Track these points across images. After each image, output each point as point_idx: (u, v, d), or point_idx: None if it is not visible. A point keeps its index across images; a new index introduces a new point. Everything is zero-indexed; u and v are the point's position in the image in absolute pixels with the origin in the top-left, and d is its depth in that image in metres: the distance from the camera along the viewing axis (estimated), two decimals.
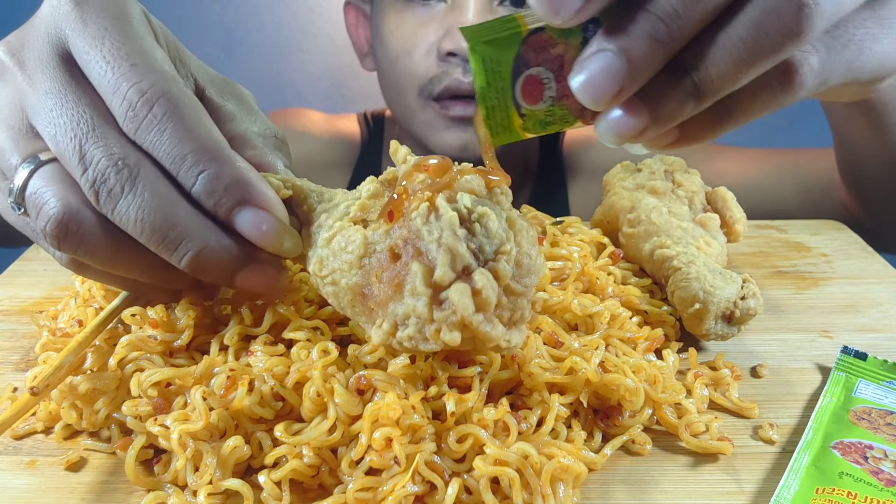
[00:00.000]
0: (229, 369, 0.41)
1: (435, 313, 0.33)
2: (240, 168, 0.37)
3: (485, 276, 0.33)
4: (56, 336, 0.50)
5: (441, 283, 0.33)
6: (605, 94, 0.32)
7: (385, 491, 0.37)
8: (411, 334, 0.34)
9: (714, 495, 0.40)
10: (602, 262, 0.55)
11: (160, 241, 0.36)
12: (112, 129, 0.37)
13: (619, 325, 0.48)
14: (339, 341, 0.47)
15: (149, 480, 0.40)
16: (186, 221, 0.36)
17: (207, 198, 0.36)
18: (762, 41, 0.31)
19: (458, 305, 0.32)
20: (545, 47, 0.34)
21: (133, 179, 0.35)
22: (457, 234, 0.33)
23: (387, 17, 0.91)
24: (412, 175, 0.37)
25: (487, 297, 0.32)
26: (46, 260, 0.66)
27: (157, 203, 0.36)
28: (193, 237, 0.36)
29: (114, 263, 0.38)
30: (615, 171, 0.65)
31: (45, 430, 0.45)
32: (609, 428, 0.44)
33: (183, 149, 0.36)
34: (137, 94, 0.36)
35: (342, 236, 0.37)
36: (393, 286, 0.34)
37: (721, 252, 0.56)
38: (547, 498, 0.37)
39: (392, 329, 0.35)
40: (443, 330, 0.33)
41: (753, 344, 0.53)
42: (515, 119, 0.36)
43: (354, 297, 0.37)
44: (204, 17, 1.68)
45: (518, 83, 0.35)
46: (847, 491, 0.37)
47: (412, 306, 0.33)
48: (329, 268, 0.37)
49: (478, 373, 0.43)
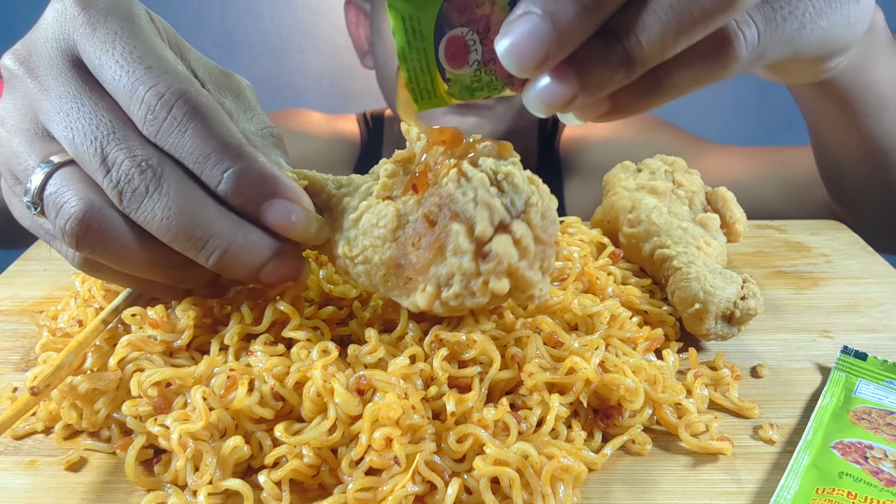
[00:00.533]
0: (229, 369, 0.41)
1: (481, 266, 0.34)
2: (263, 163, 0.37)
3: (523, 226, 0.35)
4: (56, 336, 0.50)
5: (483, 237, 0.34)
6: (531, 59, 0.31)
7: (385, 491, 0.37)
8: (458, 291, 0.35)
9: (714, 495, 0.40)
10: (602, 262, 0.55)
11: (187, 241, 0.36)
12: (132, 131, 0.37)
13: (619, 325, 0.48)
14: (339, 341, 0.47)
15: (149, 480, 0.40)
16: (213, 219, 0.36)
17: (235, 195, 0.37)
18: (692, 8, 0.30)
19: (504, 255, 0.34)
20: (469, 6, 0.32)
21: (158, 179, 0.36)
22: (490, 191, 0.35)
23: (386, 16, 0.92)
24: (431, 149, 0.38)
25: (527, 245, 0.35)
26: (46, 260, 0.66)
27: (183, 202, 0.36)
28: (221, 235, 0.36)
29: (131, 263, 0.38)
30: (615, 171, 0.65)
31: (45, 430, 0.45)
32: (609, 428, 0.44)
33: (206, 148, 0.36)
34: (156, 96, 0.36)
35: (372, 213, 0.38)
36: (433, 250, 0.35)
37: (721, 252, 0.56)
38: (547, 498, 0.37)
39: (436, 290, 0.36)
40: (491, 280, 0.34)
41: (753, 344, 0.53)
42: (440, 84, 0.35)
43: (388, 271, 0.38)
44: (204, 17, 1.68)
45: (441, 44, 0.34)
46: (847, 491, 0.37)
47: (456, 264, 0.35)
48: (360, 246, 0.38)
49: (478, 373, 0.44)
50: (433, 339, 0.45)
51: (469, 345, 0.44)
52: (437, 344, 0.44)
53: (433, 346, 0.44)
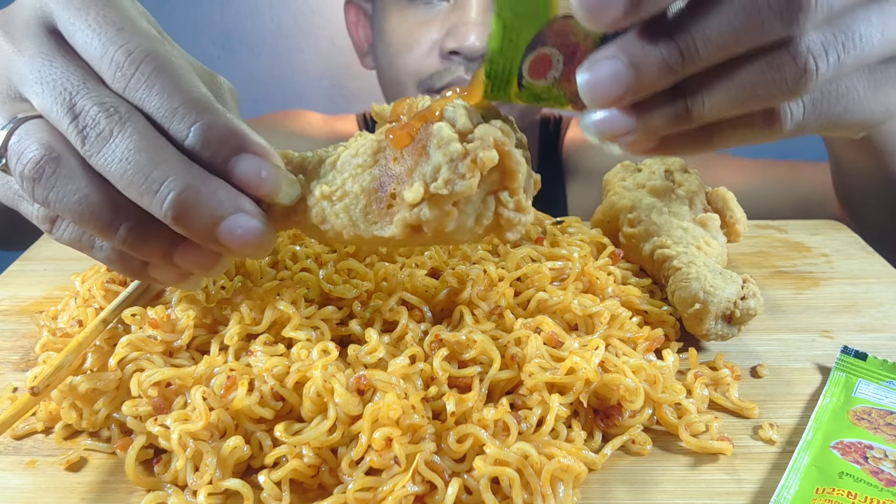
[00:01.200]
0: (229, 369, 0.41)
1: (467, 147, 0.35)
2: (231, 118, 0.37)
3: (498, 121, 0.36)
4: (56, 336, 0.50)
5: (465, 130, 0.35)
6: (605, 97, 0.34)
7: (385, 491, 0.37)
8: (447, 177, 0.35)
9: (714, 495, 0.40)
10: (602, 262, 0.55)
11: (142, 182, 0.35)
12: (102, 86, 0.37)
13: (619, 325, 0.48)
14: (339, 341, 0.47)
15: (149, 480, 0.40)
16: (173, 161, 0.35)
17: (202, 149, 0.36)
18: (760, 91, 0.33)
19: (489, 132, 0.35)
20: (566, 33, 0.35)
21: (123, 124, 0.35)
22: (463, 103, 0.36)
23: (389, 15, 0.92)
24: (400, 103, 0.39)
25: (509, 132, 0.35)
26: (46, 260, 0.66)
27: (145, 145, 0.35)
28: (177, 176, 0.35)
29: (85, 214, 0.37)
30: (615, 170, 0.65)
31: (45, 430, 0.45)
32: (609, 428, 0.44)
33: (173, 102, 0.36)
34: (125, 54, 0.36)
35: (350, 150, 0.38)
36: (416, 153, 0.35)
37: (721, 252, 0.56)
38: (547, 498, 0.37)
39: (424, 186, 0.35)
40: (479, 153, 0.34)
41: (753, 344, 0.53)
42: (513, 86, 0.37)
43: (370, 198, 0.37)
44: (204, 17, 1.68)
45: (529, 56, 0.36)
46: (847, 491, 0.37)
47: (441, 154, 0.35)
48: (339, 181, 0.38)
49: (478, 373, 0.44)
50: (433, 339, 0.45)
51: (469, 345, 0.44)
52: (437, 344, 0.44)
53: (433, 346, 0.44)
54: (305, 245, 0.55)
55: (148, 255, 0.40)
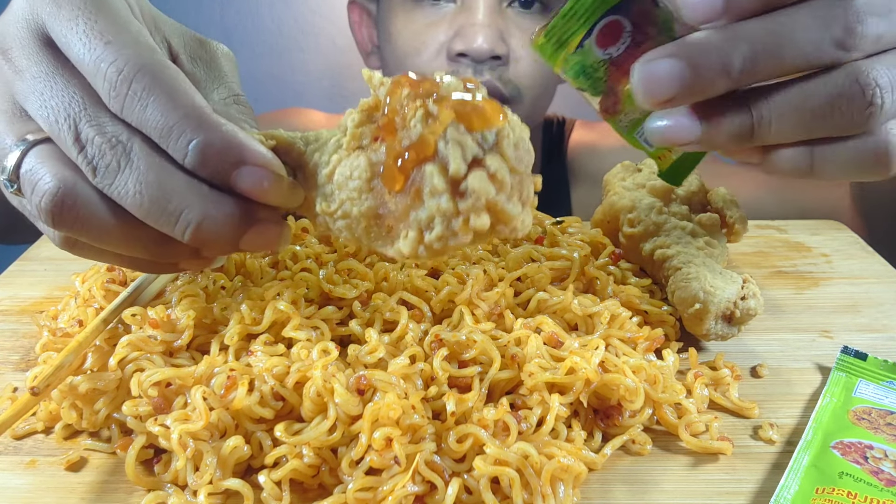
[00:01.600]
0: (229, 369, 0.41)
1: (459, 205, 0.34)
2: (227, 131, 0.37)
3: (496, 159, 0.34)
4: (56, 336, 0.50)
5: (457, 175, 0.34)
6: (657, 94, 0.35)
7: (385, 491, 0.37)
8: (440, 233, 0.34)
9: (714, 495, 0.40)
10: (602, 262, 0.55)
11: (160, 215, 0.36)
12: (102, 108, 0.37)
13: (619, 325, 0.48)
14: (340, 341, 0.47)
15: (149, 480, 0.40)
16: (184, 191, 0.36)
17: (202, 167, 0.36)
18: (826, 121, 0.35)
19: (481, 190, 0.33)
20: (647, 19, 0.36)
21: (128, 154, 0.36)
22: (458, 128, 0.34)
23: (395, 17, 0.91)
24: (395, 92, 0.37)
25: (503, 178, 0.34)
26: (46, 260, 0.66)
27: (153, 176, 0.35)
28: (193, 208, 0.36)
29: (110, 239, 0.38)
30: (615, 170, 0.65)
31: (45, 430, 0.45)
32: (609, 428, 0.44)
33: (168, 120, 0.36)
34: (116, 72, 0.36)
35: (344, 166, 0.38)
36: (410, 195, 0.35)
37: (721, 252, 0.56)
38: (547, 498, 0.37)
39: (419, 235, 0.35)
40: (471, 217, 0.34)
41: (753, 344, 0.53)
42: (571, 46, 0.38)
43: (369, 223, 0.37)
44: (204, 17, 1.68)
45: (606, 19, 0.37)
46: (847, 491, 0.37)
47: (435, 206, 0.34)
48: (338, 201, 0.38)
49: (478, 373, 0.44)
50: (433, 339, 0.45)
51: (469, 345, 0.44)
52: (437, 344, 0.44)
53: (433, 346, 0.44)
54: (305, 245, 0.55)
55: (175, 258, 0.40)
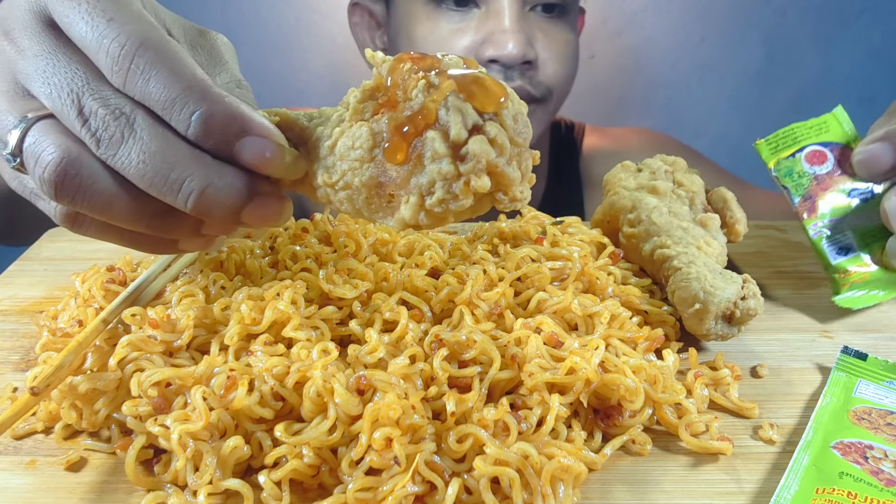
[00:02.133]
0: (229, 369, 0.41)
1: (460, 167, 0.35)
2: (230, 103, 0.37)
3: (496, 126, 0.35)
4: (56, 336, 0.50)
5: (458, 139, 0.35)
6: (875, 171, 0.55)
7: (385, 491, 0.37)
8: (441, 196, 0.35)
9: (714, 495, 0.40)
10: (602, 262, 0.55)
11: (163, 184, 0.36)
12: (104, 83, 0.37)
13: (619, 325, 0.48)
14: (340, 341, 0.47)
15: (149, 480, 0.40)
16: (187, 161, 0.36)
17: (206, 138, 0.37)
18: None
19: (481, 152, 0.34)
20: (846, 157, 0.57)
21: (131, 125, 0.36)
22: (459, 96, 0.35)
23: (418, 22, 0.91)
24: (397, 68, 0.38)
25: (503, 143, 0.35)
26: (46, 260, 0.66)
27: (156, 145, 0.36)
28: (196, 176, 0.36)
29: (112, 212, 0.38)
30: (616, 171, 0.65)
31: (45, 430, 0.45)
32: (609, 428, 0.44)
33: (171, 93, 0.36)
34: (118, 47, 0.36)
35: (347, 137, 0.38)
36: (412, 161, 0.36)
37: (721, 252, 0.56)
38: (547, 498, 0.37)
39: (420, 200, 0.36)
40: (472, 179, 0.35)
41: (753, 344, 0.53)
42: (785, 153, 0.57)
43: (370, 192, 0.38)
44: (205, 15, 1.67)
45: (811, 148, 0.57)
46: (847, 491, 0.37)
47: (436, 170, 0.35)
48: (339, 171, 0.38)
49: (478, 373, 0.44)
50: (433, 339, 0.45)
51: (469, 345, 0.44)
52: (437, 344, 0.44)
53: (433, 346, 0.44)
54: (305, 245, 0.55)
55: (177, 234, 0.41)
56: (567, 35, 0.92)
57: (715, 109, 1.68)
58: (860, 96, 1.48)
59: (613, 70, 1.57)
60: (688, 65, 1.57)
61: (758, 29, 1.53)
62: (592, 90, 1.54)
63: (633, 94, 1.61)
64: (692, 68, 1.57)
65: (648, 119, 1.61)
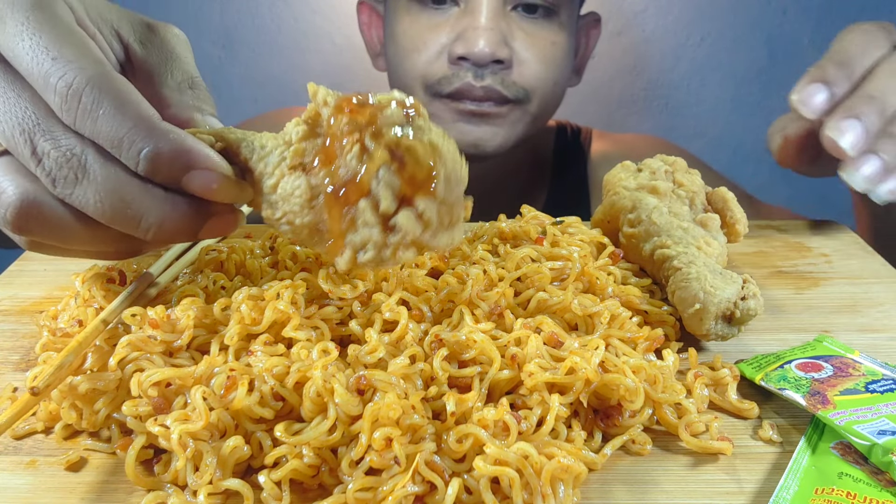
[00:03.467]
0: (229, 369, 0.41)
1: (389, 238, 0.37)
2: (174, 139, 0.38)
3: (424, 201, 0.37)
4: (56, 336, 0.50)
5: (387, 212, 0.37)
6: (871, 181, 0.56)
7: (385, 491, 0.37)
8: (371, 258, 0.38)
9: (714, 495, 0.40)
10: (602, 262, 0.55)
11: (122, 220, 0.38)
12: (55, 121, 0.38)
13: (619, 325, 0.48)
14: (339, 341, 0.47)
15: (149, 480, 0.40)
16: (142, 197, 0.38)
17: (155, 174, 0.38)
18: None
19: (408, 229, 0.37)
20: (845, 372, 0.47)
21: (84, 167, 0.37)
22: (390, 169, 0.37)
23: (401, 18, 0.92)
24: (337, 117, 0.39)
25: (430, 218, 0.37)
26: (46, 260, 0.66)
27: (111, 185, 0.37)
28: (151, 211, 0.38)
29: (76, 241, 0.40)
30: (616, 171, 0.65)
31: (45, 430, 0.45)
32: (609, 428, 0.44)
33: (119, 131, 0.37)
34: (65, 87, 0.37)
35: (287, 182, 0.40)
36: (346, 221, 0.38)
37: (721, 252, 0.56)
38: (547, 498, 0.37)
39: (353, 255, 0.38)
40: (399, 250, 0.38)
41: (753, 344, 0.53)
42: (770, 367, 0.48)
43: (311, 232, 0.40)
44: (204, 16, 1.67)
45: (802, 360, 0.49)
46: (846, 491, 0.37)
47: (368, 234, 0.37)
48: (281, 211, 0.41)
49: (478, 373, 0.44)
50: (433, 339, 0.45)
51: (469, 345, 0.44)
52: (437, 344, 0.44)
53: (433, 346, 0.44)
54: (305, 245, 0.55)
55: (140, 250, 0.43)
56: (555, 36, 0.91)
57: (716, 109, 1.68)
58: None
59: (613, 70, 1.58)
60: (688, 65, 1.57)
61: (759, 29, 1.53)
62: (592, 90, 1.54)
63: (634, 94, 1.61)
64: (693, 68, 1.57)
65: (649, 119, 1.62)
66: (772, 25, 1.51)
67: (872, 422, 0.41)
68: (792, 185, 1.33)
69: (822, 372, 0.46)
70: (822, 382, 0.45)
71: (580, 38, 1.01)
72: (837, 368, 0.47)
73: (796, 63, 1.54)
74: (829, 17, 1.49)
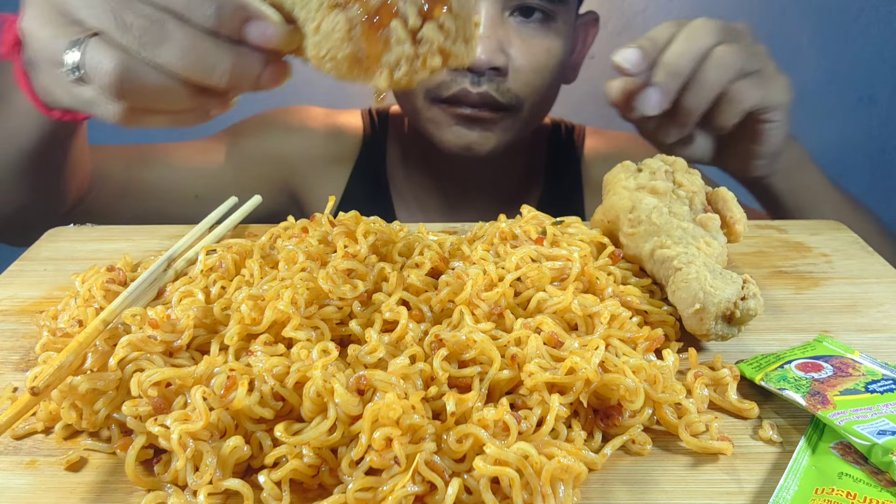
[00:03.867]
0: (229, 369, 0.41)
1: (419, 49, 0.43)
2: None
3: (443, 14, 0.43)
4: (56, 336, 0.50)
5: (414, 27, 0.43)
6: None
7: (385, 491, 0.37)
8: (406, 71, 0.43)
9: (714, 495, 0.40)
10: (602, 262, 0.55)
11: (200, 71, 0.45)
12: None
13: (619, 325, 0.48)
14: (339, 341, 0.47)
15: (149, 480, 0.40)
16: (213, 50, 0.45)
17: (221, 28, 0.44)
18: None
19: (433, 38, 0.43)
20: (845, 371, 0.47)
21: (164, 30, 0.44)
22: None
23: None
24: None
25: (449, 28, 0.43)
26: (46, 260, 0.66)
27: (188, 42, 0.44)
28: (223, 59, 0.45)
29: (162, 99, 0.47)
30: (615, 171, 0.65)
31: (45, 430, 0.45)
32: (609, 428, 0.44)
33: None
34: None
35: (327, 22, 0.45)
36: (382, 43, 0.43)
37: (721, 252, 0.56)
38: (547, 498, 0.37)
39: (390, 73, 0.44)
40: (427, 59, 0.43)
41: (753, 344, 0.53)
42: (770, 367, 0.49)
43: (351, 65, 0.45)
44: None
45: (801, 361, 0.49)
46: (846, 491, 0.37)
47: (400, 51, 0.43)
48: (325, 48, 0.45)
49: (478, 373, 0.44)
50: (433, 339, 0.45)
51: (469, 345, 0.44)
52: (437, 344, 0.44)
53: (433, 346, 0.44)
54: (305, 245, 0.55)
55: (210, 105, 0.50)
56: (550, 43, 0.91)
57: None
58: (860, 96, 1.48)
59: (613, 70, 1.58)
60: None
61: (758, 28, 1.53)
62: (592, 90, 1.53)
63: None
64: None
65: None
66: (772, 25, 1.51)
67: (872, 422, 0.41)
68: None
69: (822, 372, 0.46)
70: (822, 382, 0.45)
71: (577, 36, 1.01)
72: (837, 368, 0.47)
73: (796, 63, 1.54)
74: (829, 17, 1.49)
